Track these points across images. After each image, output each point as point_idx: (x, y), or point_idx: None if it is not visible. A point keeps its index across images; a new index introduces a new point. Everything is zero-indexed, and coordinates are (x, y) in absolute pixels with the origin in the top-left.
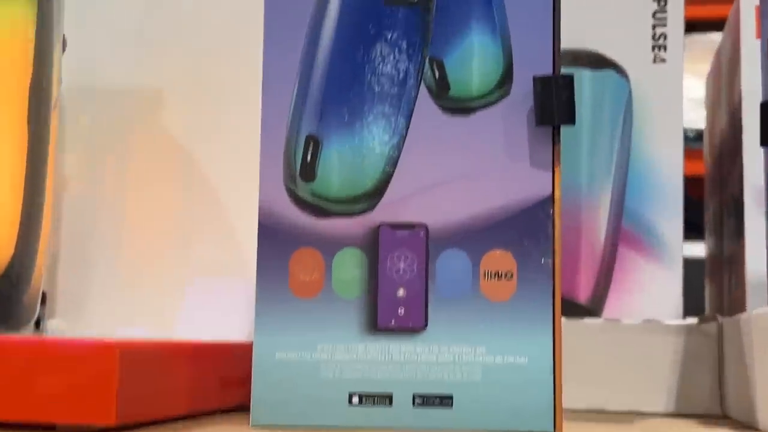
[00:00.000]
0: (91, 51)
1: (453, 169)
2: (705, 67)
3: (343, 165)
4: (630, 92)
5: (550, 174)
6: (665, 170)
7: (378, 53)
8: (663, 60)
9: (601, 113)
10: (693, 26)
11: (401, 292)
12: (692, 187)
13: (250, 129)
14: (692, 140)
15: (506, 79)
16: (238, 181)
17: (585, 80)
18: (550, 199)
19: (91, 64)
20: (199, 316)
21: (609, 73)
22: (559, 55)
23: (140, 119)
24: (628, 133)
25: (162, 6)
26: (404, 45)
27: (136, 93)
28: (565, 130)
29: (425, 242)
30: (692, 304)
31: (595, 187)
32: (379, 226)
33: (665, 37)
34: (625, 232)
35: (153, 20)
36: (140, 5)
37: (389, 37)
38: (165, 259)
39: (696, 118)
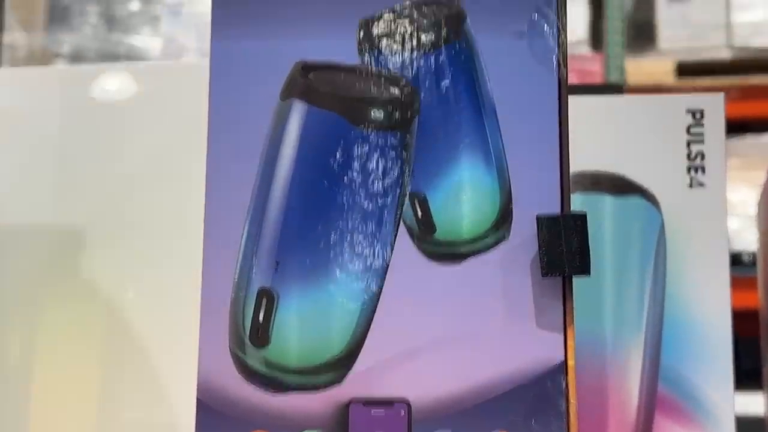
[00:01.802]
0: None
1: (440, 330)
2: (761, 175)
3: (304, 326)
4: (662, 223)
5: (561, 336)
6: (709, 318)
7: (347, 187)
8: (701, 184)
9: (627, 249)
10: (745, 126)
11: None
12: (746, 323)
13: (188, 279)
14: (748, 266)
15: (504, 218)
16: (171, 346)
17: (607, 209)
18: (562, 367)
19: None
20: None
21: (636, 201)
22: (568, 189)
23: (54, 265)
24: (661, 273)
25: (81, 127)
26: (380, 177)
27: (49, 234)
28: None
29: (407, 423)
30: None
31: (623, 342)
32: (349, 403)
33: (703, 156)
34: (663, 397)
35: (71, 145)
36: (53, 126)
37: (361, 167)
38: None
39: (753, 239)
